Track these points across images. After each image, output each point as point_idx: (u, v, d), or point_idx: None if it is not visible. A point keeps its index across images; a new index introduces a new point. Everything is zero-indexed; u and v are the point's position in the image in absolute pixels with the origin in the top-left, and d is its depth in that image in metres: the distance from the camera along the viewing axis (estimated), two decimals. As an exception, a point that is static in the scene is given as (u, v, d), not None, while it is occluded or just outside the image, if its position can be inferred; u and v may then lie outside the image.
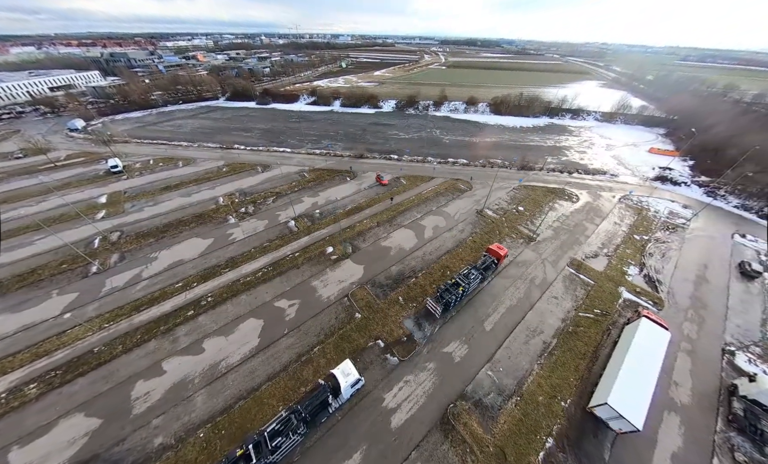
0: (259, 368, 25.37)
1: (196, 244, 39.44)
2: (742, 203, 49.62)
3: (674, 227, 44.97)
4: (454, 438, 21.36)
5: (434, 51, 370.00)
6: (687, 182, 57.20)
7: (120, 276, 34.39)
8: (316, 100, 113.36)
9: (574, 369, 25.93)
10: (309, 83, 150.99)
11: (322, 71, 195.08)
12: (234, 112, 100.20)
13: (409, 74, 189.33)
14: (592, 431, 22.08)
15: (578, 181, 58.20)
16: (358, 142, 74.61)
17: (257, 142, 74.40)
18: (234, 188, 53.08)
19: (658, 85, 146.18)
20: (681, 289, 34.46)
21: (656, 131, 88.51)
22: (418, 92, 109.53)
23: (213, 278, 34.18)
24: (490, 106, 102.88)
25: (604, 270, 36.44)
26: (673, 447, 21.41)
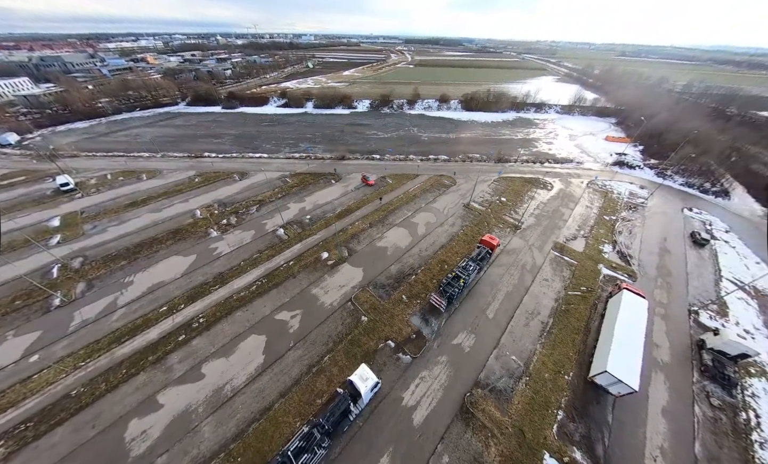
0: (269, 386, 24.13)
1: (176, 263, 36.35)
2: (686, 181, 56.71)
3: (635, 206, 50.15)
4: (475, 425, 22.07)
5: (399, 50, 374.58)
6: (640, 165, 64.03)
7: (90, 307, 30.66)
8: (288, 102, 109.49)
9: (572, 344, 27.98)
10: (277, 85, 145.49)
11: (289, 72, 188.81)
12: (199, 118, 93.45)
13: (378, 74, 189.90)
14: (595, 398, 24.03)
15: (550, 170, 62.54)
16: (337, 143, 73.43)
17: (230, 148, 70.16)
18: (211, 199, 49.64)
19: (604, 79, 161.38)
20: (648, 261, 38.58)
21: (609, 120, 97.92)
22: (391, 91, 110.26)
23: (202, 298, 31.77)
24: (462, 103, 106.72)
25: (584, 250, 39.65)
26: (662, 401, 24.01)
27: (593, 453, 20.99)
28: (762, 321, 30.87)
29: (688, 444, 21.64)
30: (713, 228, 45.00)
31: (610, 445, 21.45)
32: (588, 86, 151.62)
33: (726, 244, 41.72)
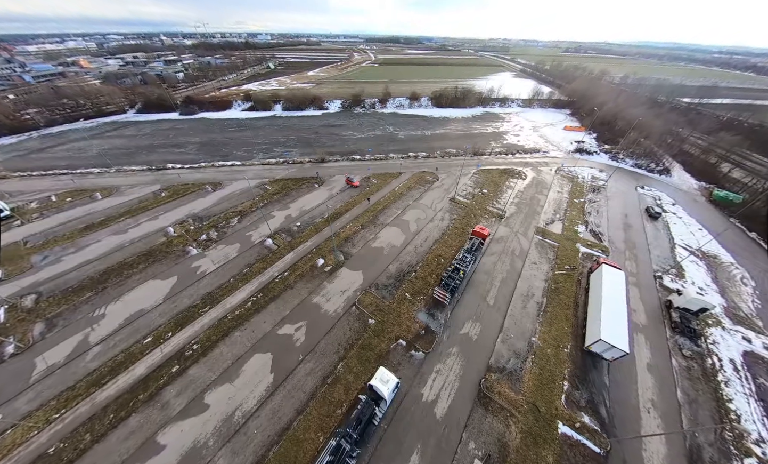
0: (284, 404, 22.98)
1: (155, 287, 32.94)
2: (635, 162, 64.03)
3: (598, 188, 55.53)
4: (494, 408, 23.08)
5: (362, 49, 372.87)
6: (597, 151, 70.91)
7: (55, 350, 26.68)
8: (254, 105, 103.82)
9: (566, 319, 30.33)
10: (238, 87, 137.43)
11: (249, 74, 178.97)
12: (154, 127, 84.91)
13: (344, 73, 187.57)
14: (592, 365, 26.37)
15: (521, 160, 66.79)
16: (314, 146, 71.41)
17: (196, 158, 64.83)
18: (184, 214, 45.58)
19: (554, 74, 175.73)
20: (616, 236, 43.03)
21: (564, 111, 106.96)
22: (362, 91, 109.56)
23: (192, 322, 29.21)
24: (432, 100, 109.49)
25: (562, 232, 43.05)
26: (646, 359, 27.07)
27: (599, 414, 23.06)
28: (710, 279, 36.08)
29: (672, 393, 24.68)
30: (662, 202, 51.45)
31: (611, 405, 23.73)
32: (542, 81, 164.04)
33: (674, 215, 47.96)
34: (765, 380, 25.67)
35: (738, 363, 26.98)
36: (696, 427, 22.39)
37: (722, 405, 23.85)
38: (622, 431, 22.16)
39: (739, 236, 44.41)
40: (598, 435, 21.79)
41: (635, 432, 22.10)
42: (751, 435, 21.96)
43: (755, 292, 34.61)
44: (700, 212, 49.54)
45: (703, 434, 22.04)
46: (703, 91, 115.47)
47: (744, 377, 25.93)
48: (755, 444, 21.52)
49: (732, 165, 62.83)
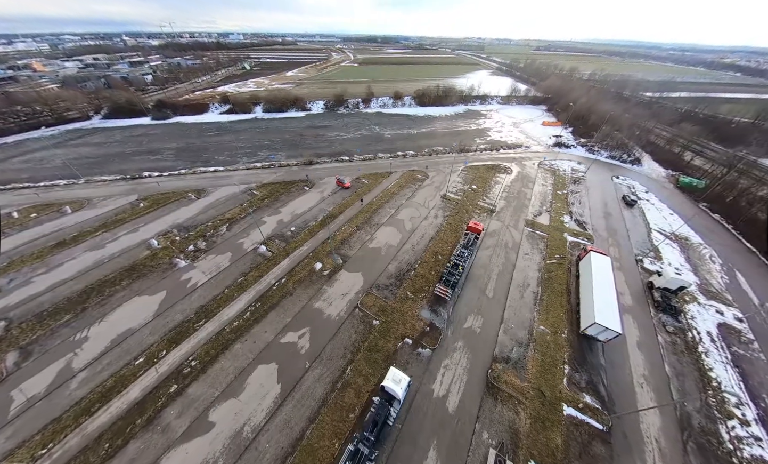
0: (294, 414, 22.41)
1: (143, 304, 30.98)
2: (610, 154, 68.07)
3: (578, 180, 58.51)
4: (503, 397, 23.78)
5: (340, 48, 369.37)
6: (574, 144, 74.66)
7: (34, 380, 24.43)
8: (233, 108, 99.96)
9: (560, 306, 31.77)
10: (213, 90, 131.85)
11: (224, 75, 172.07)
12: (124, 133, 79.51)
13: (324, 73, 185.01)
14: (588, 347, 27.83)
15: (505, 155, 69.03)
16: (300, 148, 69.95)
17: (174, 165, 61.50)
18: (167, 224, 43.13)
19: (529, 71, 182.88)
20: (598, 224, 45.57)
21: (541, 107, 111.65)
22: (344, 91, 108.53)
23: (187, 338, 27.76)
24: (415, 99, 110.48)
25: (550, 223, 45.00)
26: (635, 337, 28.93)
27: (598, 394, 24.39)
28: (684, 259, 39.12)
29: (660, 367, 26.56)
30: (636, 190, 55.09)
31: (609, 384, 25.17)
32: (518, 79, 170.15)
33: (648, 202, 51.52)
34: (738, 348, 28.24)
35: (714, 334, 29.50)
36: (684, 397, 24.24)
37: (704, 374, 25.99)
38: (621, 407, 23.58)
39: (704, 218, 48.47)
40: (600, 413, 23.06)
41: (632, 407, 23.58)
42: (731, 399, 24.09)
43: (723, 268, 37.96)
44: (669, 198, 53.57)
45: (690, 403, 23.90)
46: (662, 86, 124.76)
47: (720, 347, 28.38)
48: (735, 407, 23.63)
49: (693, 154, 68.45)
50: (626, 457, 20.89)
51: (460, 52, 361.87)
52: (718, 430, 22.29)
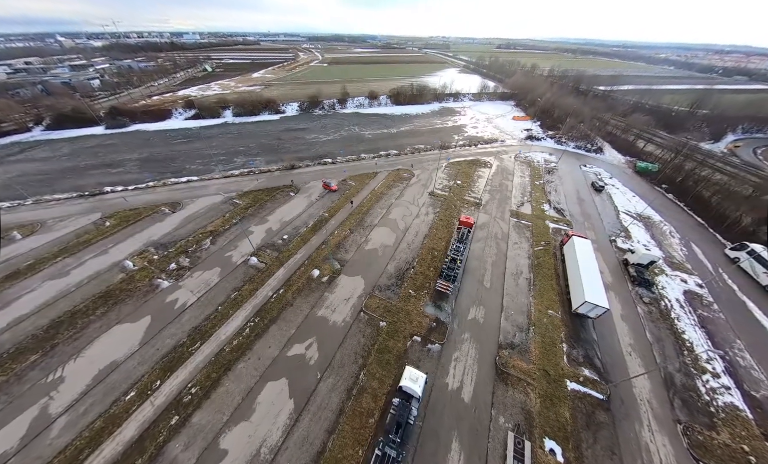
0: (312, 428, 21.76)
1: (125, 332, 28.19)
2: (575, 144, 73.56)
3: (551, 170, 62.59)
4: (512, 381, 24.95)
5: (306, 48, 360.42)
6: (543, 137, 79.66)
7: (2, 435, 21.28)
8: (199, 113, 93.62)
9: (552, 289, 33.91)
10: (173, 94, 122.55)
11: (184, 78, 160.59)
12: (74, 145, 71.15)
13: (294, 74, 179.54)
14: (581, 325, 30.02)
15: (483, 150, 71.90)
16: (279, 153, 67.42)
17: (140, 177, 56.36)
18: (141, 243, 39.50)
19: (494, 68, 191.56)
20: (574, 210, 49.17)
21: (509, 103, 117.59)
22: (319, 91, 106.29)
23: (182, 363, 25.75)
24: (391, 99, 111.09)
25: (532, 212, 47.73)
26: (618, 310, 31.69)
27: (595, 366, 26.44)
28: (649, 236, 43.51)
29: (643, 336, 29.39)
30: (602, 177, 60.15)
31: (602, 356, 27.37)
32: (485, 76, 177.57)
33: (614, 187, 56.52)
34: (702, 311, 32.07)
35: (681, 301, 33.22)
36: (666, 360, 27.07)
37: (679, 337, 29.21)
38: (615, 376, 25.78)
39: (661, 198, 54.24)
40: (598, 384, 25.04)
41: (624, 375, 25.87)
42: (702, 356, 27.33)
43: (681, 242, 42.82)
44: (630, 182, 59.22)
45: (671, 364, 26.75)
46: (613, 80, 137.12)
47: (688, 311, 32.04)
48: (706, 363, 26.85)
49: (645, 141, 76.17)
50: (626, 421, 22.92)
51: (427, 51, 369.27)
52: (696, 385, 25.22)
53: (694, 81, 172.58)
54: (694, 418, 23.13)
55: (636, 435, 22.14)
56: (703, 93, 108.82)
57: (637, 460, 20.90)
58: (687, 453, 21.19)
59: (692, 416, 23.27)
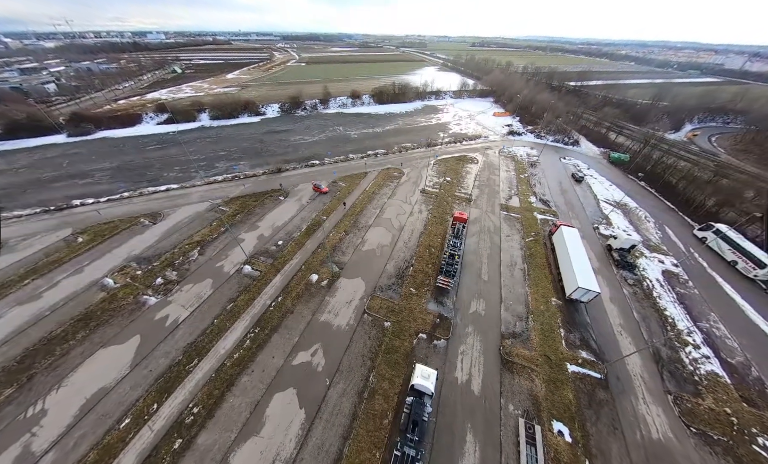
0: (326, 435, 21.35)
1: (112, 356, 26.23)
2: (554, 138, 76.99)
3: (534, 163, 65.14)
4: (517, 369, 25.78)
5: (281, 47, 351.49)
6: (524, 131, 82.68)
7: (-23, 480, 19.17)
8: (172, 117, 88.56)
9: (545, 277, 35.35)
10: (141, 97, 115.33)
11: (151, 80, 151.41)
12: (33, 156, 64.89)
13: (271, 74, 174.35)
14: (575, 309, 31.53)
15: (469, 147, 73.51)
16: (264, 156, 65.38)
17: (112, 188, 52.50)
18: (121, 258, 36.87)
19: (471, 66, 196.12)
20: (558, 201, 51.49)
21: (489, 99, 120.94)
22: (300, 92, 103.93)
23: (180, 383, 24.37)
24: (374, 98, 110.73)
25: (520, 205, 49.45)
26: (607, 293, 33.59)
27: (591, 348, 27.89)
28: (627, 222, 46.44)
29: (630, 315, 31.35)
30: (581, 168, 63.40)
31: (596, 338, 28.92)
32: (463, 73, 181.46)
33: (592, 177, 59.76)
34: (679, 288, 34.72)
35: (661, 280, 35.77)
36: (652, 336, 29.06)
37: (662, 314, 31.44)
38: (610, 355, 27.32)
39: (634, 186, 58.03)
40: (596, 364, 26.44)
41: (617, 353, 27.48)
42: (684, 330, 29.61)
43: (655, 225, 46.08)
44: (606, 172, 62.90)
45: (657, 340, 28.75)
46: (582, 76, 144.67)
47: (667, 289, 34.56)
48: (687, 336, 29.12)
49: (616, 133, 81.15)
50: (623, 396, 24.38)
51: (405, 50, 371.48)
52: (681, 357, 27.29)
53: (653, 75, 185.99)
54: (682, 388, 25.02)
55: (633, 408, 23.63)
56: (663, 86, 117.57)
57: (636, 432, 22.32)
58: (678, 421, 22.90)
59: (680, 386, 25.16)
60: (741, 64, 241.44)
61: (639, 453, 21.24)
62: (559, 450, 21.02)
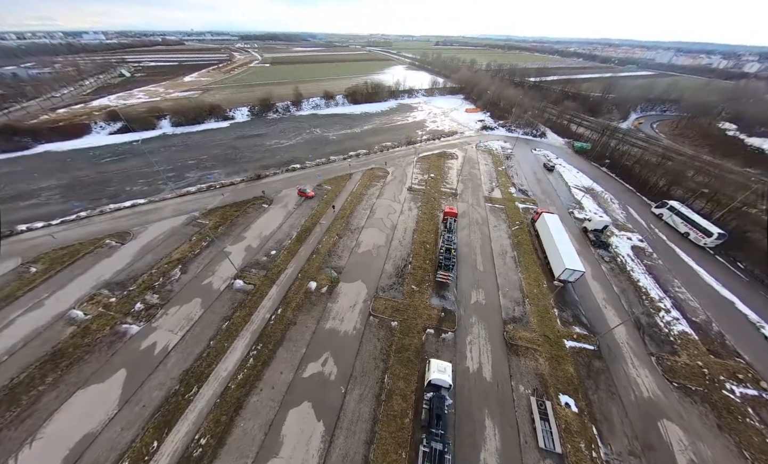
0: (349, 444, 20.94)
1: (94, 396, 23.40)
2: (524, 131, 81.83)
3: (509, 156, 68.76)
4: (522, 351, 27.21)
5: (241, 48, 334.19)
6: (496, 126, 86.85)
7: None
8: (128, 125, 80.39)
9: (534, 262, 37.61)
10: (85, 105, 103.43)
11: (96, 85, 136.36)
12: (-47, 177, 55.35)
13: (234, 76, 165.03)
14: (564, 289, 33.91)
15: (447, 143, 75.63)
16: (239, 163, 61.92)
17: (65, 208, 46.53)
18: (88, 286, 32.89)
19: (439, 64, 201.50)
20: (535, 189, 54.92)
21: (459, 96, 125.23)
22: (270, 94, 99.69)
23: (181, 415, 22.42)
24: (347, 98, 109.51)
25: (502, 196, 52.00)
26: (589, 271, 36.47)
27: (582, 323, 30.24)
28: (596, 205, 50.84)
29: (610, 289, 34.43)
30: (551, 158, 68.12)
31: (586, 313, 31.41)
32: (431, 72, 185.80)
33: (561, 166, 64.48)
34: (647, 261, 38.80)
35: (631, 255, 39.70)
36: (631, 307, 32.20)
37: (636, 286, 34.92)
38: (599, 328, 29.82)
39: (598, 172, 63.62)
40: (589, 337, 28.72)
41: (605, 325, 30.08)
42: (656, 298, 33.18)
43: (620, 206, 50.98)
44: (573, 161, 68.25)
45: (636, 309, 31.91)
46: (540, 72, 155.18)
47: (637, 263, 38.45)
48: (659, 302, 32.68)
49: (576, 125, 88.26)
50: (615, 363, 26.77)
51: (371, 49, 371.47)
52: (657, 321, 30.57)
53: (600, 70, 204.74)
54: (661, 348, 28.07)
55: (625, 373, 26.06)
56: (610, 80, 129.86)
57: (630, 393, 24.65)
58: (663, 379, 25.68)
59: (659, 347, 28.20)
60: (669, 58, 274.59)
61: (634, 411, 23.50)
62: (568, 420, 22.58)
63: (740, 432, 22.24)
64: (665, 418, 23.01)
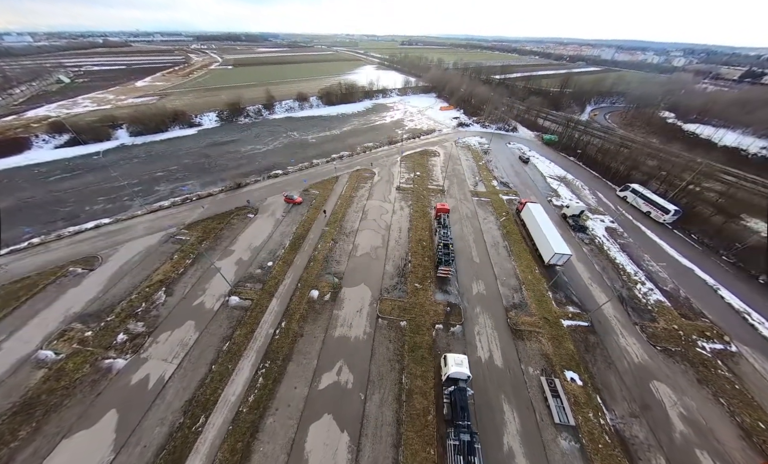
0: (377, 450, 20.74)
1: (83, 445, 20.79)
2: (497, 127, 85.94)
3: (487, 151, 71.85)
4: (526, 335, 28.75)
5: (198, 49, 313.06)
6: (470, 122, 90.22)
7: None
8: (77, 137, 71.76)
9: (524, 250, 39.77)
10: (19, 116, 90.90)
11: (30, 94, 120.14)
12: None
13: (193, 79, 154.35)
14: (554, 273, 36.26)
15: (427, 141, 77.16)
16: (214, 172, 58.14)
17: (12, 235, 40.67)
18: (56, 322, 29.04)
19: (406, 63, 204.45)
20: (515, 181, 58.02)
21: (432, 95, 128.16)
22: (238, 98, 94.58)
23: (192, 448, 20.74)
24: (322, 99, 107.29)
25: (487, 190, 54.26)
26: (575, 253, 39.25)
27: (574, 302, 32.59)
28: (570, 192, 54.93)
29: (593, 269, 37.46)
30: (525, 151, 72.32)
31: (575, 292, 33.89)
32: (400, 71, 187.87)
33: (535, 158, 68.72)
34: (620, 240, 42.76)
35: (606, 236, 43.50)
36: (613, 283, 35.32)
37: (614, 263, 38.35)
38: (590, 305, 32.32)
39: (567, 161, 68.71)
40: (581, 315, 31.04)
41: (593, 303, 32.67)
42: (632, 273, 36.71)
43: (590, 192, 55.56)
44: (544, 152, 73.03)
45: (617, 285, 35.05)
46: (504, 70, 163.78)
47: (612, 242, 42.22)
48: (635, 276, 36.21)
49: (543, 119, 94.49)
50: (607, 336, 29.23)
51: (337, 49, 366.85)
52: (636, 293, 33.84)
53: (554, 67, 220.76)
54: (643, 318, 31.14)
55: (617, 343, 28.56)
56: (565, 76, 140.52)
57: (624, 361, 27.08)
58: (648, 344, 28.53)
59: (641, 316, 31.26)
60: (611, 55, 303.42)
61: (629, 377, 25.87)
62: (576, 394, 24.27)
63: (715, 382, 25.44)
64: (655, 379, 25.62)
